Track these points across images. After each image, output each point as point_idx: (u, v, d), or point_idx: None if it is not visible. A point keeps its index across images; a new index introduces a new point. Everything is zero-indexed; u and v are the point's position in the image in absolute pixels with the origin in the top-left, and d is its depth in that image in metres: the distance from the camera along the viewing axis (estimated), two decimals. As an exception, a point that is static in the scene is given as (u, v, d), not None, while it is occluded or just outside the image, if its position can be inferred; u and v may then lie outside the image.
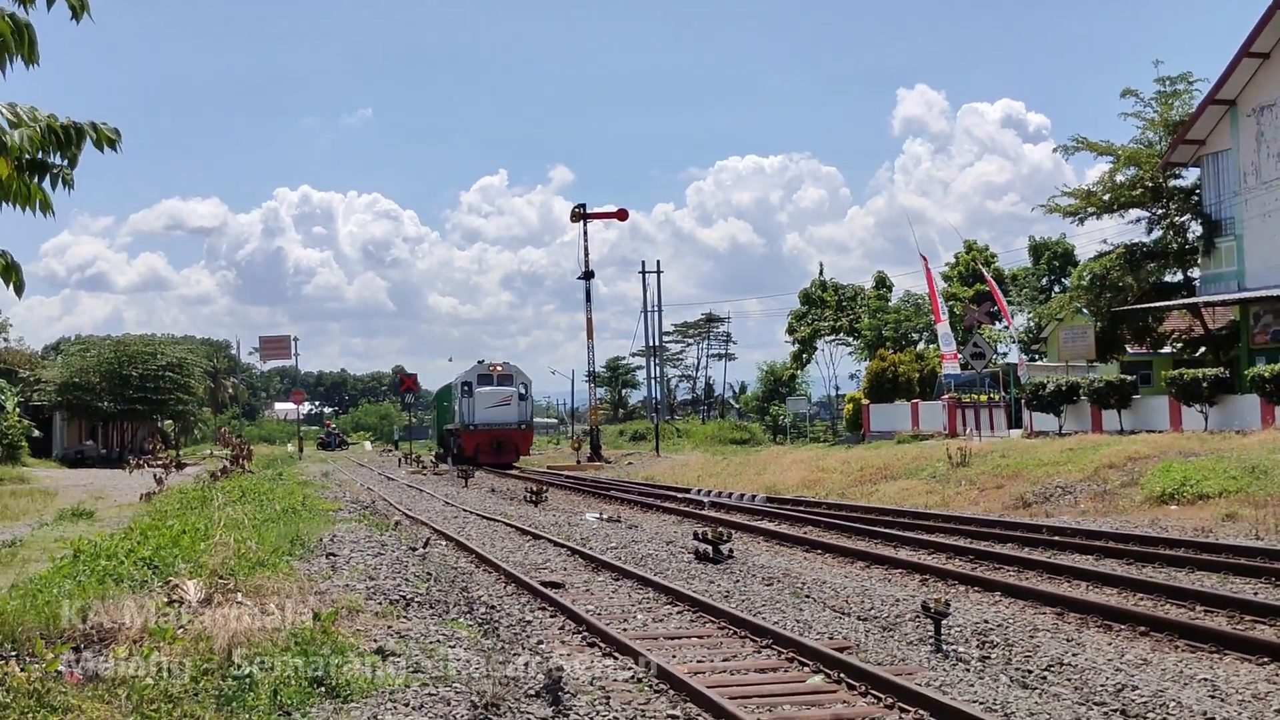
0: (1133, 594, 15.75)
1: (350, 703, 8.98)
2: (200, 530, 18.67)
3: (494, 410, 64.67)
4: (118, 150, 5.91)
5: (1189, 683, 10.87)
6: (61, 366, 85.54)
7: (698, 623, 14.64)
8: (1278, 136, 42.01)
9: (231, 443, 60.23)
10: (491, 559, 20.35)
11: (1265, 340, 42.35)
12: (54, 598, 12.42)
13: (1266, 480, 24.76)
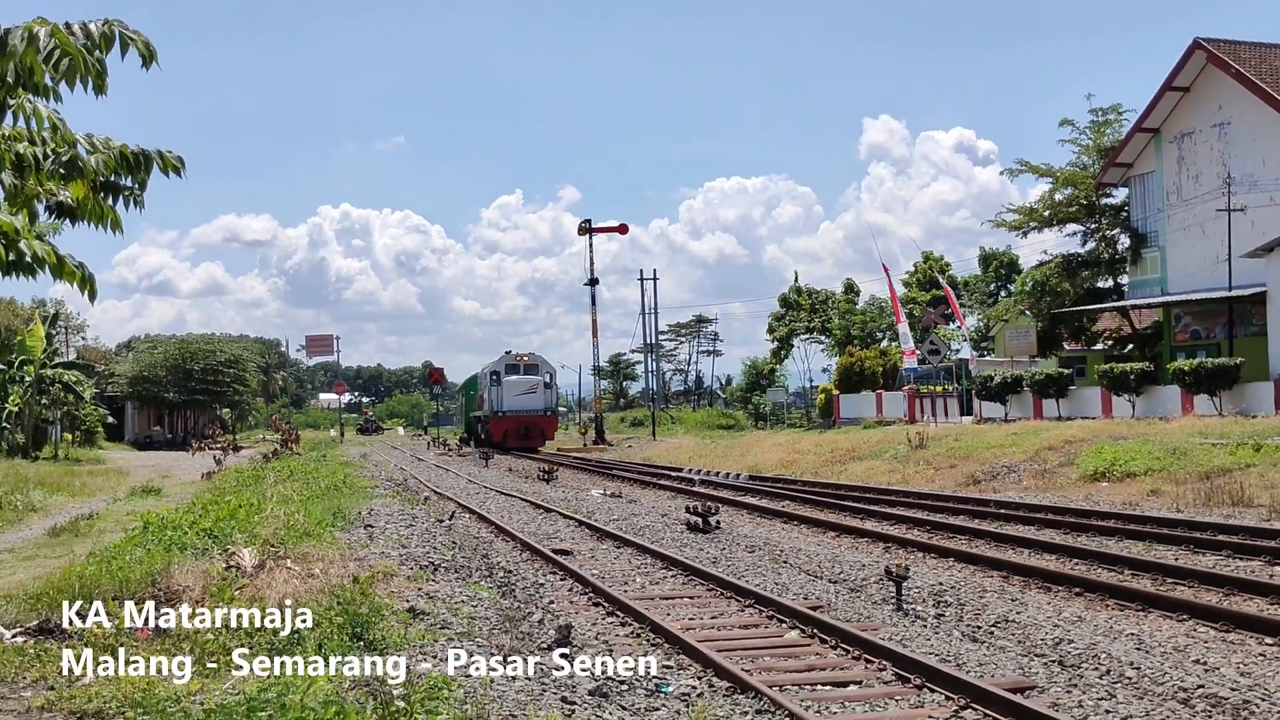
0: (1069, 559, 15.79)
1: (386, 655, 8.99)
2: (254, 505, 18.67)
3: (522, 398, 60.48)
4: (181, 176, 5.92)
5: (1118, 637, 10.89)
6: (132, 362, 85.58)
7: (689, 585, 14.65)
8: (1196, 160, 42.04)
9: (281, 429, 60.44)
10: (509, 529, 20.37)
11: (1185, 338, 42.44)
12: (126, 564, 12.46)
13: (1186, 460, 24.78)
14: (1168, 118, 43.20)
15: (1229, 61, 40.15)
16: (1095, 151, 48.46)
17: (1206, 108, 41.64)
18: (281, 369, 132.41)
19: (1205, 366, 35.28)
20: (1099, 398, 39.99)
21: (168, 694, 7.64)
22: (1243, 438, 25.73)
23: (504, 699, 7.66)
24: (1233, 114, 40.40)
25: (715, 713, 8.21)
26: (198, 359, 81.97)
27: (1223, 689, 8.90)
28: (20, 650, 9.47)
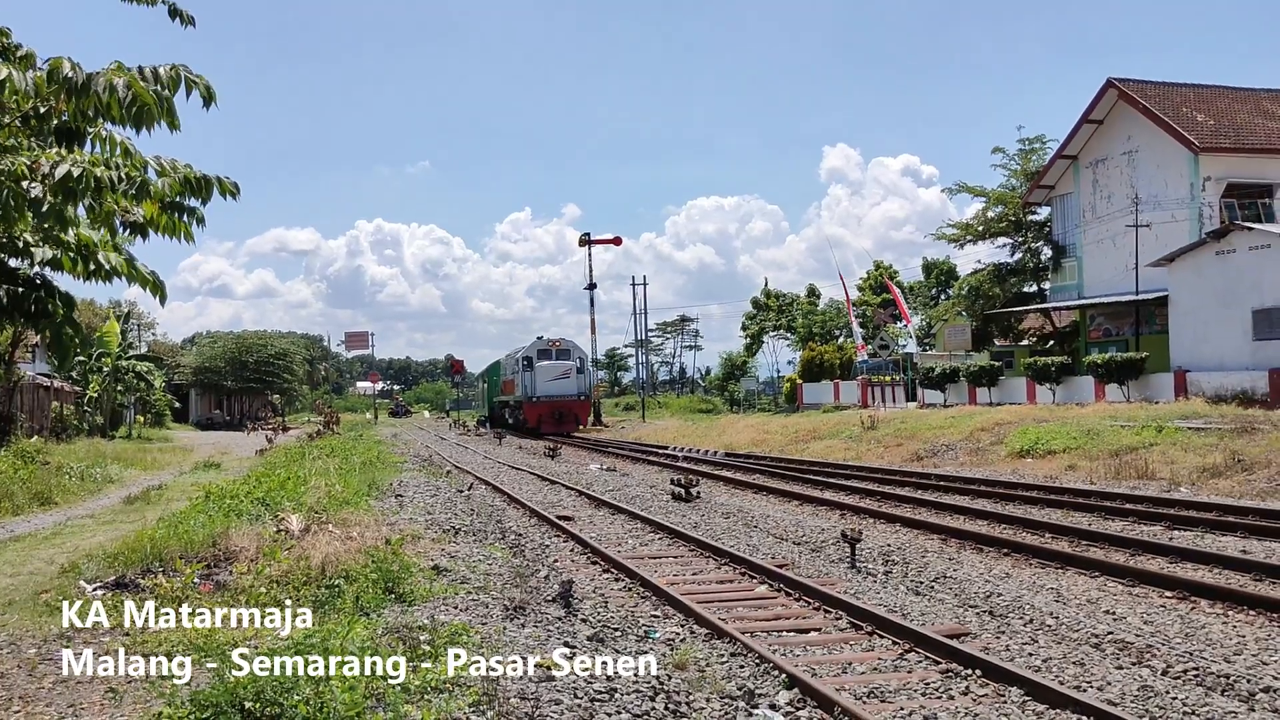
0: (999, 524, 15.82)
1: (413, 606, 9.01)
2: (301, 478, 18.66)
3: (555, 383, 52.15)
4: (237, 199, 5.93)
5: (1040, 591, 10.93)
6: (195, 355, 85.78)
7: (673, 546, 14.68)
8: (1108, 183, 42.13)
9: (324, 412, 60.27)
10: (519, 498, 20.38)
11: (1098, 336, 42.55)
12: (190, 528, 12.45)
13: (1098, 440, 24.85)
14: (1084, 146, 43.30)
15: (1137, 98, 40.24)
16: (1023, 175, 48.67)
17: (1118, 138, 41.72)
18: (324, 361, 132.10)
19: (1115, 360, 35.39)
20: (1024, 386, 40.06)
21: (226, 639, 7.64)
22: (1147, 421, 25.83)
23: (515, 644, 7.68)
24: (1140, 143, 40.49)
25: (695, 655, 8.23)
26: (252, 352, 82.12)
27: (1129, 635, 8.94)
28: (101, 601, 9.47)
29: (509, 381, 58.76)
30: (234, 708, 5.64)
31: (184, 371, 78.75)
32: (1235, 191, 38.56)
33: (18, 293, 6.13)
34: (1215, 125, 39.31)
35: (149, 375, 53.57)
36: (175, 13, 6.05)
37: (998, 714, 7.00)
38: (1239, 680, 7.55)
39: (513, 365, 57.10)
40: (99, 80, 4.92)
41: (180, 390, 75.43)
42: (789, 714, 7.07)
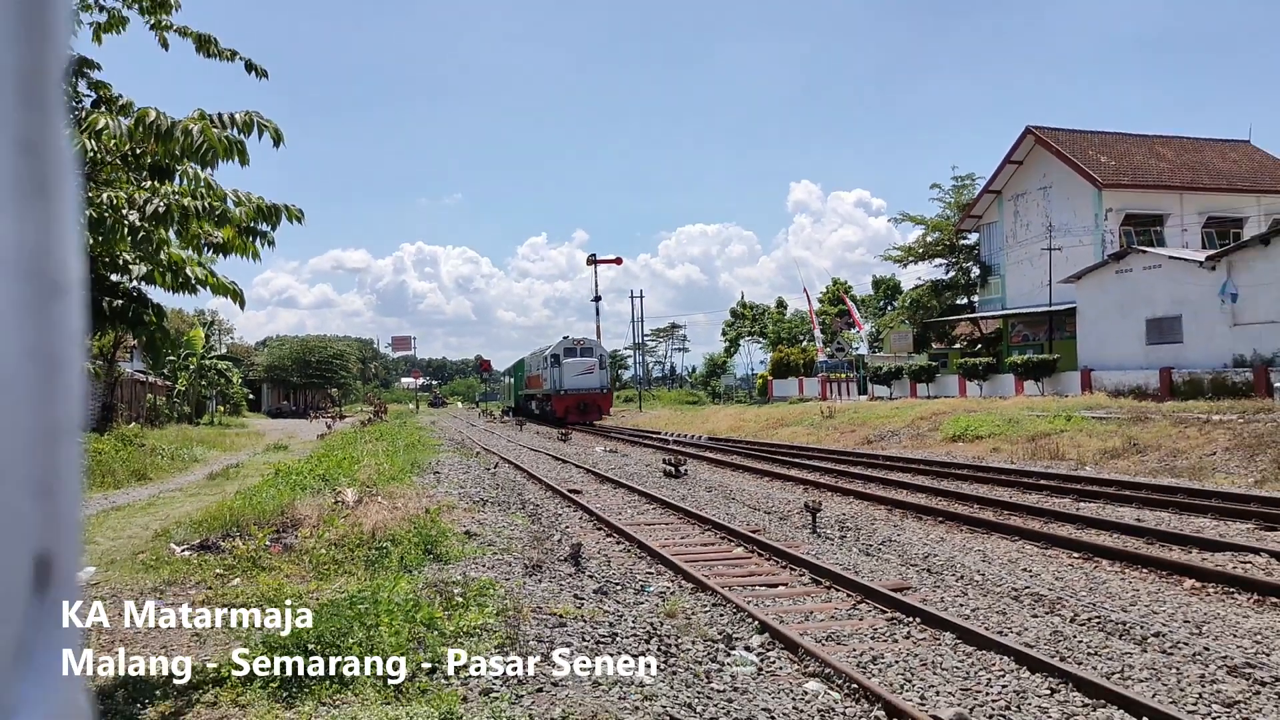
0: (935, 497, 15.81)
1: (449, 565, 9.00)
2: (355, 458, 18.64)
3: (580, 377, 48.36)
4: (302, 223, 5.93)
5: (969, 552, 10.93)
6: (267, 355, 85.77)
7: (665, 515, 14.67)
8: (1027, 214, 42.16)
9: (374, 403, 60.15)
10: (536, 475, 20.35)
11: (1018, 340, 42.57)
12: (263, 500, 12.44)
13: (1018, 427, 24.86)
14: (1007, 183, 43.35)
15: (1050, 142, 40.26)
16: (956, 206, 48.71)
17: (1034, 175, 41.75)
18: (374, 360, 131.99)
19: (1032, 360, 35.39)
20: (957, 383, 40.06)
21: (292, 592, 7.63)
22: (1058, 411, 25.83)
23: (533, 595, 7.67)
24: (1053, 180, 40.51)
25: (683, 605, 8.22)
26: (314, 353, 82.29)
27: (1043, 589, 8.94)
28: (188, 561, 9.46)
29: (534, 377, 55.36)
30: (299, 649, 5.63)
31: (257, 369, 78.74)
32: (1132, 221, 38.59)
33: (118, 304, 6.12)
34: (1116, 165, 39.33)
35: (228, 372, 53.56)
36: (251, 67, 6.05)
37: (934, 654, 7.00)
38: (1134, 627, 7.55)
39: (539, 362, 53.81)
40: (179, 126, 4.93)
41: (254, 384, 75.37)
42: (761, 654, 7.06)
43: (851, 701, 6.01)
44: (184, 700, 5.35)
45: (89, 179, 5.42)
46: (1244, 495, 14.15)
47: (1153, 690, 6.10)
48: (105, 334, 23.59)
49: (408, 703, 5.14)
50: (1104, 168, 38.74)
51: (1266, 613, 8.03)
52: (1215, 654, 6.75)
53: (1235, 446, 18.76)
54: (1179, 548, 10.85)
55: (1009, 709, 5.84)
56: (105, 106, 5.88)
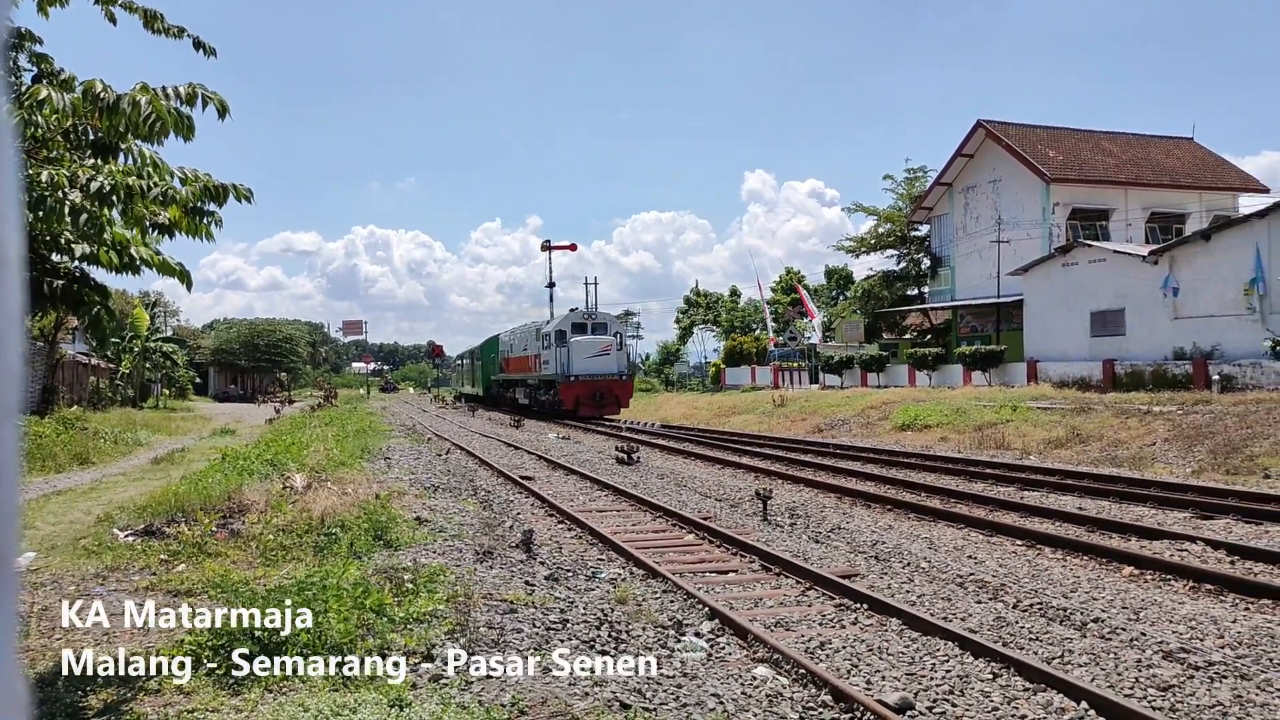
0: (884, 485, 15.98)
1: (399, 550, 8.94)
2: (304, 443, 18.43)
3: (594, 360, 38.32)
4: (251, 202, 5.83)
5: (916, 540, 11.08)
6: (214, 338, 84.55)
7: (617, 501, 14.69)
8: (977, 206, 42.70)
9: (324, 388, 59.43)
10: (489, 461, 20.26)
11: (966, 331, 43.17)
12: (209, 484, 12.25)
13: (965, 417, 25.23)
14: (958, 176, 43.86)
15: (1001, 137, 40.80)
16: (908, 198, 49.22)
17: (985, 169, 42.29)
18: (324, 344, 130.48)
19: (980, 351, 35.93)
20: (906, 372, 40.55)
21: (239, 578, 7.54)
22: (1004, 402, 26.26)
23: (484, 582, 7.65)
24: (1003, 174, 41.07)
25: (634, 592, 8.25)
26: (263, 336, 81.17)
27: (987, 576, 9.10)
28: (131, 547, 9.30)
29: (520, 359, 45.46)
30: (245, 635, 5.57)
31: (204, 352, 77.51)
32: (1078, 215, 39.26)
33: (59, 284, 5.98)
34: (1064, 160, 39.97)
35: (173, 355, 52.67)
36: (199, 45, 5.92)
37: (880, 640, 7.10)
38: (1074, 613, 7.72)
39: (527, 340, 43.90)
40: (125, 99, 4.83)
41: (200, 368, 74.17)
42: (711, 640, 7.11)
43: (799, 686, 6.08)
44: (126, 688, 5.26)
45: (29, 156, 5.28)
46: (1182, 485, 14.50)
47: (1091, 674, 6.25)
48: (46, 315, 23.02)
49: (356, 690, 5.10)
50: (1052, 162, 39.35)
51: (1201, 599, 8.25)
52: (1152, 639, 6.93)
53: (1174, 437, 19.22)
54: (1119, 536, 11.10)
55: (952, 693, 5.94)
56: (47, 81, 5.72)
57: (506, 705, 4.89)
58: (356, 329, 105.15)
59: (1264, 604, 7.97)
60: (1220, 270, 27.62)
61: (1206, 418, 19.86)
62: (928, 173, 48.58)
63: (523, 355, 44.75)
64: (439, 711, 4.64)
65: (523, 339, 45.33)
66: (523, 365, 45.02)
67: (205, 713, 4.83)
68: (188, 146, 5.18)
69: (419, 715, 4.58)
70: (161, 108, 4.87)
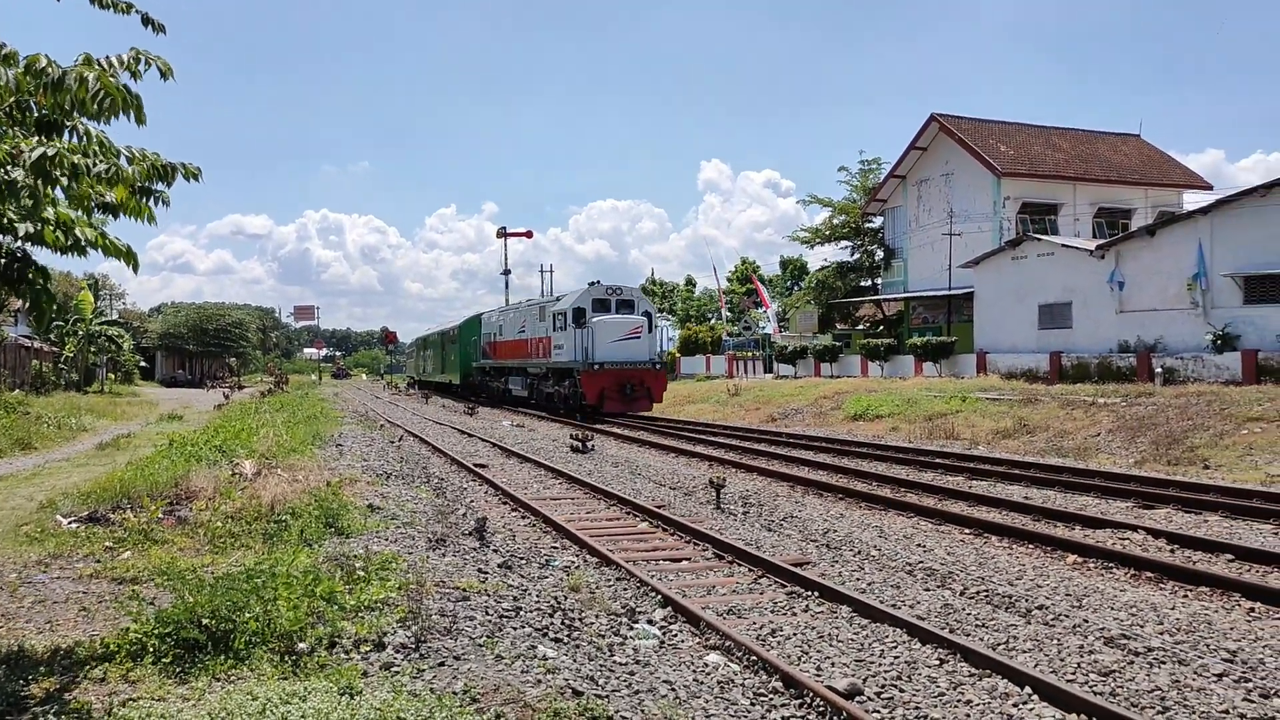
0: (836, 474, 16.11)
1: (350, 538, 8.86)
2: (253, 429, 18.17)
3: (621, 345, 30.93)
4: (200, 182, 5.71)
5: (867, 528, 11.21)
6: (161, 322, 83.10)
7: (571, 489, 14.69)
8: (930, 199, 43.15)
9: (275, 373, 58.58)
10: (442, 449, 20.16)
11: (918, 323, 43.68)
12: (155, 471, 12.05)
13: (916, 407, 25.54)
14: (912, 168, 44.27)
15: (954, 130, 41.24)
16: (862, 190, 49.58)
17: (938, 162, 42.73)
18: (275, 330, 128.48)
19: (931, 342, 36.37)
20: (859, 363, 40.92)
21: (186, 566, 7.43)
22: (954, 392, 26.62)
23: (437, 570, 7.61)
24: (955, 167, 41.54)
25: (587, 580, 8.26)
26: (212, 321, 79.92)
27: (935, 564, 9.24)
28: (75, 534, 9.12)
29: (514, 343, 38.52)
30: (193, 624, 5.49)
31: (151, 336, 76.08)
32: (1029, 209, 39.85)
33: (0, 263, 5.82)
34: (1015, 155, 40.52)
35: (119, 339, 51.66)
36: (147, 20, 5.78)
37: (830, 627, 7.18)
38: (1019, 600, 7.87)
39: (530, 321, 36.45)
40: (72, 74, 4.70)
41: (147, 352, 72.77)
42: (663, 628, 7.15)
43: (750, 673, 6.13)
44: (70, 676, 5.17)
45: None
46: (1125, 475, 14.82)
47: (1035, 660, 6.38)
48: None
49: (306, 677, 5.05)
50: (1003, 157, 39.87)
51: (1142, 586, 8.45)
52: (1094, 626, 7.08)
53: (1118, 428, 19.63)
54: (1063, 525, 11.32)
55: (900, 679, 6.04)
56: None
57: (459, 693, 4.87)
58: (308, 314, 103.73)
59: (1201, 591, 8.18)
60: (1164, 265, 28.20)
61: (1149, 410, 20.30)
62: (882, 165, 49.05)
63: (518, 339, 37.92)
64: (390, 699, 4.61)
65: (518, 319, 38.51)
66: (518, 350, 38.10)
67: (151, 701, 4.76)
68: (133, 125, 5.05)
69: (370, 703, 4.55)
70: (110, 84, 4.75)
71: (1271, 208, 25.77)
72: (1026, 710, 5.48)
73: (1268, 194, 25.93)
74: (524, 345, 37.01)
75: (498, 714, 4.64)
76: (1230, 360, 25.02)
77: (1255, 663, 6.25)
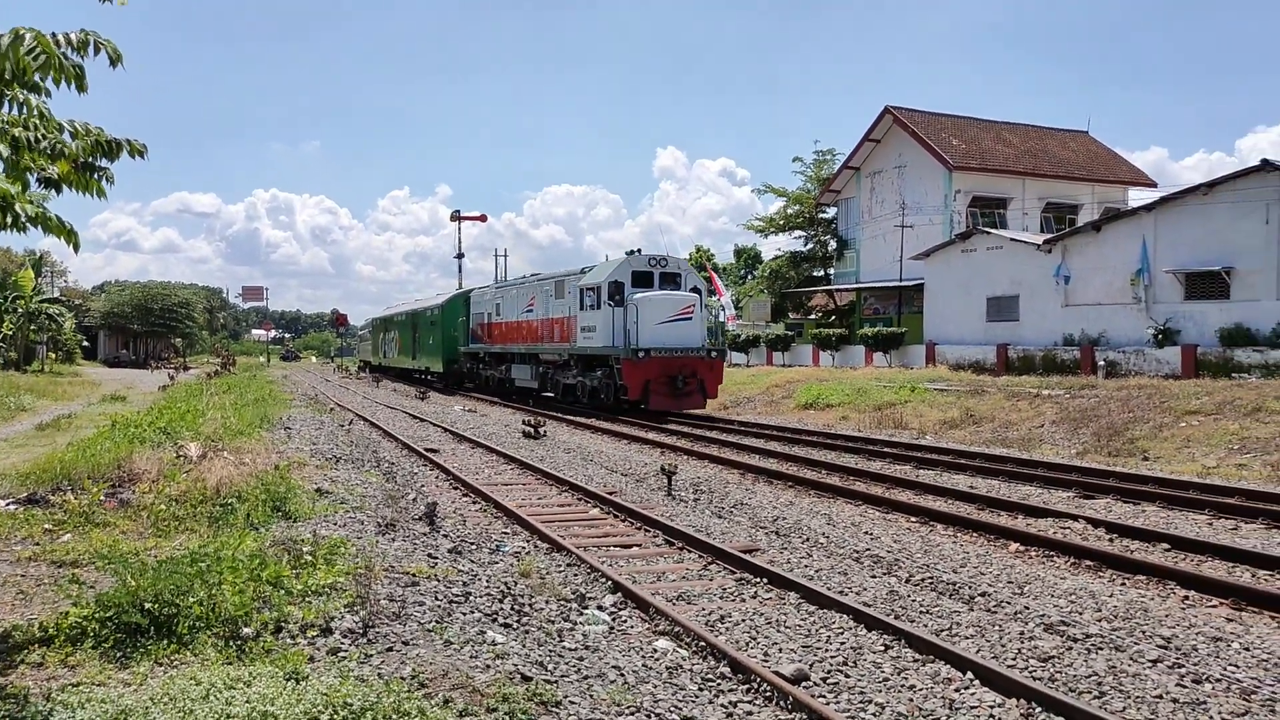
0: (786, 462, 16.20)
1: (298, 522, 8.76)
2: (199, 411, 17.87)
3: (670, 328, 25.17)
4: (145, 158, 5.59)
5: (816, 515, 11.32)
6: (105, 300, 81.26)
7: (523, 475, 14.65)
8: (882, 191, 43.54)
9: (222, 355, 57.68)
10: (393, 433, 19.99)
11: (870, 313, 44.08)
12: (97, 452, 11.80)
13: (866, 396, 25.79)
14: (865, 160, 44.60)
15: (907, 123, 41.62)
16: (816, 180, 49.86)
17: (891, 154, 43.10)
18: (222, 310, 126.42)
19: (882, 333, 36.81)
20: (811, 352, 41.29)
21: (129, 549, 7.29)
22: (904, 383, 26.91)
23: (386, 555, 7.55)
24: (908, 160, 41.93)
25: (538, 565, 8.26)
26: (157, 300, 78.24)
27: (882, 551, 9.36)
28: (13, 516, 8.91)
29: (521, 325, 32.33)
30: (135, 608, 5.40)
31: (94, 315, 74.34)
32: (978, 203, 40.39)
33: (-63, 238, 5.67)
34: (966, 149, 41.01)
35: (60, 317, 50.42)
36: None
37: (778, 613, 7.25)
38: (963, 587, 8.00)
39: (543, 297, 30.51)
40: (5, 38, 4.56)
41: (90, 331, 71.15)
42: (613, 614, 7.17)
43: (699, 659, 6.17)
44: (6, 661, 5.06)
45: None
46: (1067, 465, 15.12)
47: (977, 646, 6.49)
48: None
49: (251, 662, 5.00)
50: (955, 150, 40.35)
51: (1081, 574, 8.64)
52: (1034, 613, 7.23)
53: (1061, 420, 20.01)
54: (1006, 514, 11.53)
55: (846, 664, 6.12)
56: (-76, 23, 5.38)
57: (406, 678, 4.85)
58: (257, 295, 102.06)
59: (1139, 580, 8.39)
60: (1109, 260, 28.78)
61: (1092, 402, 20.71)
62: (836, 156, 49.31)
63: (524, 319, 31.97)
64: (337, 685, 4.57)
65: (523, 296, 32.30)
66: (523, 333, 32.09)
67: (91, 686, 4.68)
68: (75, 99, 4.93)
69: (316, 688, 4.51)
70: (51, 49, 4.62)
71: (1213, 206, 26.40)
72: (968, 695, 5.59)
73: (1210, 193, 26.54)
74: (533, 327, 31.20)
75: (446, 699, 4.63)
76: (1170, 355, 25.62)
77: (1189, 649, 6.42)
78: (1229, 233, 25.84)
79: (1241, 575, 8.49)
